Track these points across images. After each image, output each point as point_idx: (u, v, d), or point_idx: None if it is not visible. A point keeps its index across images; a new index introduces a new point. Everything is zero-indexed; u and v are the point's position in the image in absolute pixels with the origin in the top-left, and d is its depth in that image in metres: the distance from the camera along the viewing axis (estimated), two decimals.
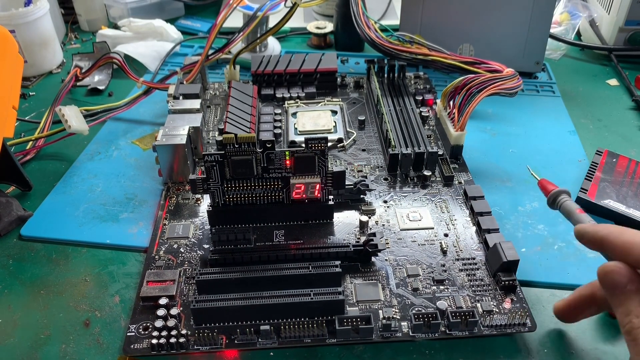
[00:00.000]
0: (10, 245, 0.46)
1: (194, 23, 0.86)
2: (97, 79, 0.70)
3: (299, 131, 0.57)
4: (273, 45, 0.75)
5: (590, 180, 0.50)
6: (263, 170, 0.43)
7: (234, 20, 0.67)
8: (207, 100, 0.64)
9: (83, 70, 0.66)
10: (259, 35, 0.66)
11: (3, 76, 0.47)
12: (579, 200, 0.49)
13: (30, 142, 0.57)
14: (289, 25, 0.67)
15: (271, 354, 0.37)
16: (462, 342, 0.38)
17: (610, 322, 0.39)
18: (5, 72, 0.47)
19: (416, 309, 0.38)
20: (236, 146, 0.41)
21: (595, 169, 0.51)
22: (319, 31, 0.78)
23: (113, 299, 0.41)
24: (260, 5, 0.62)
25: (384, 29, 0.65)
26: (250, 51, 0.68)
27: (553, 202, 0.41)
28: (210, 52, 0.62)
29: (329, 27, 0.78)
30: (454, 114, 0.53)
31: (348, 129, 0.58)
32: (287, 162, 0.42)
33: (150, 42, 0.75)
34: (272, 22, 0.64)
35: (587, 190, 0.49)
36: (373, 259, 0.42)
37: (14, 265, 0.44)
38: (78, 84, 0.67)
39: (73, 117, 0.55)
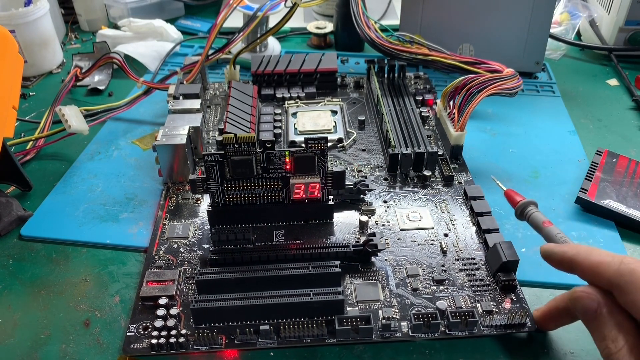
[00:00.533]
0: (10, 245, 0.46)
1: (194, 23, 0.86)
2: (97, 79, 0.70)
3: (299, 131, 0.57)
4: (273, 45, 0.75)
5: (591, 180, 0.50)
6: (263, 170, 0.43)
7: (234, 20, 0.67)
8: (207, 100, 0.64)
9: (83, 70, 0.66)
10: (259, 35, 0.66)
11: (3, 76, 0.47)
12: (579, 201, 0.49)
13: (30, 142, 0.57)
14: (289, 25, 0.67)
15: (271, 354, 0.37)
16: (462, 342, 0.38)
17: None
18: (5, 72, 0.47)
19: (416, 309, 0.38)
20: (236, 146, 0.41)
21: (595, 169, 0.51)
22: (319, 31, 0.78)
23: (113, 299, 0.41)
24: (260, 5, 0.62)
25: (384, 29, 0.65)
26: (250, 51, 0.68)
27: (521, 213, 0.40)
28: (210, 52, 0.62)
29: (329, 27, 0.78)
30: (454, 114, 0.53)
31: (348, 129, 0.58)
32: (287, 166, 0.42)
33: (150, 42, 0.75)
34: (272, 22, 0.64)
35: (587, 190, 0.49)
36: (373, 259, 0.42)
37: (14, 265, 0.44)
38: (78, 84, 0.67)
39: (73, 117, 0.55)
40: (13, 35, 0.55)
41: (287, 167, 0.42)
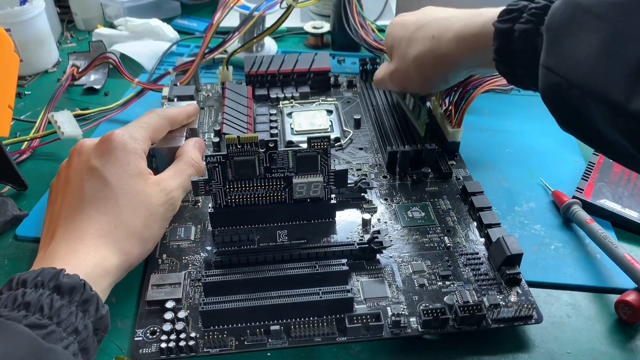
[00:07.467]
0: (6, 245, 0.46)
1: (190, 22, 0.85)
2: (93, 78, 0.70)
3: (295, 131, 0.57)
4: (270, 45, 0.75)
5: (587, 180, 0.50)
6: (265, 170, 0.42)
7: (230, 19, 0.66)
8: (200, 102, 0.63)
9: (79, 70, 0.65)
10: (254, 35, 0.66)
11: None
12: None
13: (26, 142, 0.56)
14: (286, 25, 0.67)
15: (268, 354, 0.37)
16: (462, 341, 0.38)
17: (608, 323, 0.40)
18: (1, 71, 0.47)
19: (424, 304, 0.39)
20: (239, 146, 0.41)
21: (592, 169, 0.52)
22: (315, 31, 0.78)
23: (110, 299, 0.40)
24: (256, 5, 0.61)
25: (381, 29, 0.65)
26: (246, 51, 0.68)
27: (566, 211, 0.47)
28: (206, 51, 0.62)
29: (326, 27, 0.78)
30: (450, 110, 0.53)
31: (344, 128, 0.58)
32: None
33: (146, 41, 0.74)
34: (268, 22, 0.64)
35: (583, 190, 0.49)
36: (378, 256, 0.42)
37: (10, 266, 0.44)
38: (74, 83, 0.66)
39: (66, 122, 0.54)
40: (8, 34, 0.55)
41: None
